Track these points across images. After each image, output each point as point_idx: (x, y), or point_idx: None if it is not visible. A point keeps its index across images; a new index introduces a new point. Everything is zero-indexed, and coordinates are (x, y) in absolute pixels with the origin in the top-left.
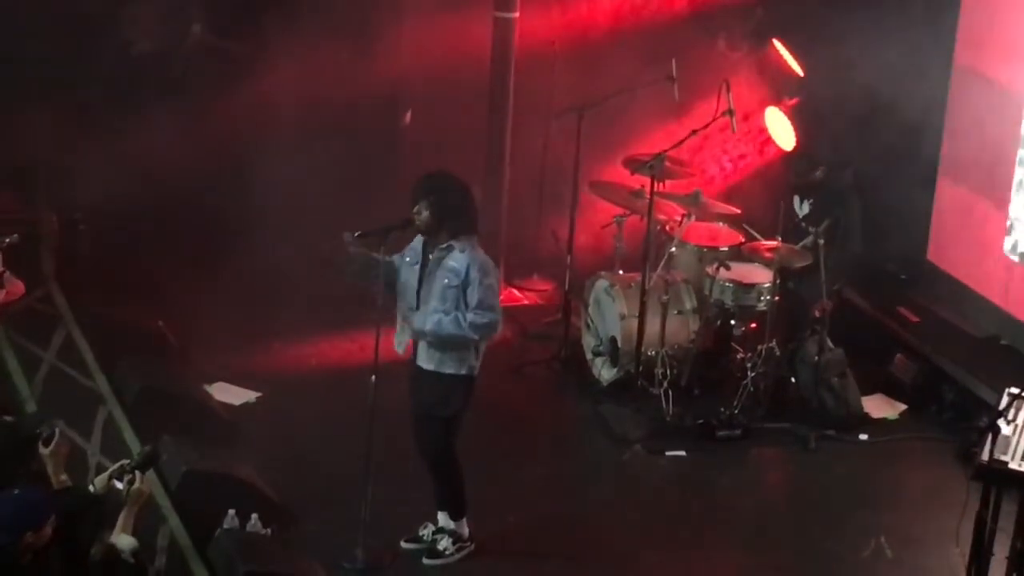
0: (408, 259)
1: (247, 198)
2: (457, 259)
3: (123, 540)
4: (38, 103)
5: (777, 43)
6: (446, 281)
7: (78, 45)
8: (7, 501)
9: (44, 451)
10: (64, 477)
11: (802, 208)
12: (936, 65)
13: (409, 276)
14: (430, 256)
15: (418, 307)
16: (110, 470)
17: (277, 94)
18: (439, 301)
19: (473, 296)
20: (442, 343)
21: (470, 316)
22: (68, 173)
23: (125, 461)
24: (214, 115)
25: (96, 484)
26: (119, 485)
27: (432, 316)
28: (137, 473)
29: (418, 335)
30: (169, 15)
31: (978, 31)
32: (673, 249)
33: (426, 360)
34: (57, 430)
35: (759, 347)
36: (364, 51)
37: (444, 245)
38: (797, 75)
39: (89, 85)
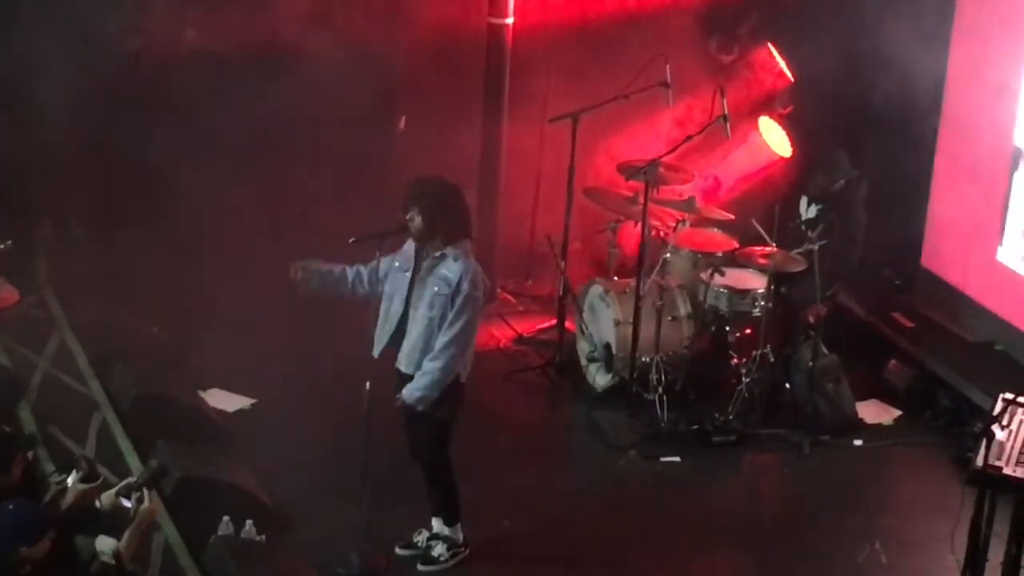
0: (398, 264)
1: (239, 202)
2: (451, 268)
3: (102, 542)
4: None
5: (771, 47)
6: (436, 289)
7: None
8: (1, 515)
9: (74, 483)
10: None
11: (808, 211)
12: (931, 72)
13: (399, 283)
14: (423, 262)
15: (407, 311)
16: (117, 487)
17: (271, 100)
18: (427, 308)
19: (459, 304)
20: (447, 368)
21: (440, 338)
22: (62, 178)
23: (132, 479)
24: (209, 120)
25: (103, 501)
26: (127, 503)
27: (420, 380)
28: (145, 491)
29: (423, 399)
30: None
31: (972, 39)
32: (668, 255)
33: (406, 365)
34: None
35: (753, 353)
36: (359, 56)
37: (438, 253)
38: (788, 80)
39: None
